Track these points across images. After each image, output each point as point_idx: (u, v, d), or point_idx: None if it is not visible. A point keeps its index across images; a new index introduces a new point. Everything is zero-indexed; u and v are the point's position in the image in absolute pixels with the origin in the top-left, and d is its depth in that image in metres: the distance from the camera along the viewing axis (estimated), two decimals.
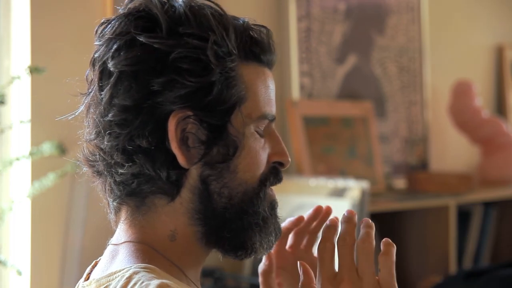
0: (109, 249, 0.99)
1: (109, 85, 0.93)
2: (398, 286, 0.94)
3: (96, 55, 0.96)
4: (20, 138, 2.03)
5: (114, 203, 0.97)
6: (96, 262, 1.02)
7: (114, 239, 0.99)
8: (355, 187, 2.11)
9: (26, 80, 1.96)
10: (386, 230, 2.51)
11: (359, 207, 2.09)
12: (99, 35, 0.97)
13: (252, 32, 0.97)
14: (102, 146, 0.95)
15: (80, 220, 2.06)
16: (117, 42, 0.94)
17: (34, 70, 1.83)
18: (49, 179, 1.90)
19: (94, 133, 0.96)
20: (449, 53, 3.11)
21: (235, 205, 0.96)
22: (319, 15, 2.61)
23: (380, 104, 2.81)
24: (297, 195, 2.18)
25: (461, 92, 2.95)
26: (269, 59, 0.99)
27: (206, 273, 2.16)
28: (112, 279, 0.92)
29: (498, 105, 3.30)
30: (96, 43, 0.97)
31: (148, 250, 0.95)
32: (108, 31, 0.95)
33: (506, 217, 2.90)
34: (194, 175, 0.94)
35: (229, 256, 0.99)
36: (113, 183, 0.95)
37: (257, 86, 0.97)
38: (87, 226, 2.06)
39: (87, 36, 2.11)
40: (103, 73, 0.94)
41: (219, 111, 0.93)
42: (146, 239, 0.95)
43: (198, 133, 0.93)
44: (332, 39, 2.66)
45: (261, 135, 0.98)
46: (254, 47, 0.97)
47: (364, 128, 2.61)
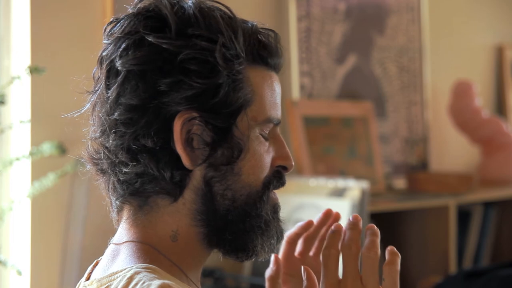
0: (110, 249, 0.99)
1: (116, 84, 0.93)
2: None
3: (104, 54, 0.96)
4: (20, 138, 2.02)
5: (117, 202, 0.97)
6: (97, 262, 1.02)
7: (116, 239, 0.99)
8: (355, 187, 2.11)
9: (26, 80, 1.95)
10: (386, 230, 2.50)
11: (359, 207, 2.09)
12: (108, 34, 0.97)
13: (260, 36, 0.97)
14: (107, 145, 0.95)
15: (80, 220, 2.05)
16: (126, 41, 0.94)
17: (34, 70, 1.83)
18: (49, 179, 1.90)
19: (100, 131, 0.95)
20: (449, 53, 3.11)
21: (238, 208, 0.96)
22: (319, 15, 2.61)
23: (380, 104, 2.80)
24: (297, 195, 2.18)
25: (461, 92, 2.95)
26: (276, 63, 1.00)
27: (206, 273, 2.16)
28: (114, 279, 0.92)
29: (498, 105, 3.30)
30: (105, 42, 0.97)
31: (150, 250, 0.95)
32: (117, 30, 0.95)
33: (506, 217, 2.90)
34: (198, 176, 0.94)
35: (230, 258, 0.98)
36: (117, 182, 0.95)
37: (264, 90, 0.97)
38: (87, 226, 2.06)
39: (87, 36, 2.12)
40: (111, 72, 0.94)
41: (225, 113, 0.93)
42: (148, 239, 0.95)
43: (203, 135, 0.93)
44: (332, 39, 2.66)
45: (266, 139, 0.98)
46: (262, 51, 0.97)
47: (364, 128, 2.61)
